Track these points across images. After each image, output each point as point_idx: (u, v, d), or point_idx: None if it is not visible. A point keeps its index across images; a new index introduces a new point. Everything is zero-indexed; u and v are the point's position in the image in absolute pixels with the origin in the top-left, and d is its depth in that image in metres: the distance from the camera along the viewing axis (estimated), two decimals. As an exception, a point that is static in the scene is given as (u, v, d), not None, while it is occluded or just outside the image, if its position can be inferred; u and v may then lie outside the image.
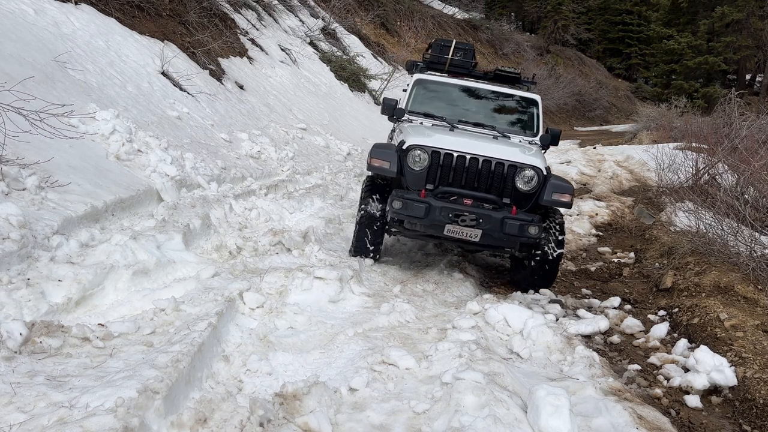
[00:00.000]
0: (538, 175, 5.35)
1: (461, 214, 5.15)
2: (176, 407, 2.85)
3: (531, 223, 5.16)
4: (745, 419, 3.66)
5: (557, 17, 40.21)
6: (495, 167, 5.32)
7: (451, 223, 5.16)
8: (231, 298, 4.16)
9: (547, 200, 5.36)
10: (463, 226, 5.16)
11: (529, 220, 5.17)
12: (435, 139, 5.48)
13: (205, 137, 8.47)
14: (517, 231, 5.14)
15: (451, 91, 6.64)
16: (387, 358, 3.65)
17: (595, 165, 14.22)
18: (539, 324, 4.43)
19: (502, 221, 5.14)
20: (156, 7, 10.63)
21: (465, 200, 5.27)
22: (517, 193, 5.36)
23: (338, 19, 21.74)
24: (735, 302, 5.11)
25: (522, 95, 6.63)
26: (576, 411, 3.21)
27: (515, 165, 5.33)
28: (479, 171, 5.32)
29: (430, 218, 5.18)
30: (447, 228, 5.19)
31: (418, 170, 5.37)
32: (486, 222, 5.15)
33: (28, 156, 4.86)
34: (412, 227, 5.42)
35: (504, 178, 5.33)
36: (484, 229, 5.16)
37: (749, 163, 7.07)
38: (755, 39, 32.27)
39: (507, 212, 5.21)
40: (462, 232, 5.20)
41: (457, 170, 5.34)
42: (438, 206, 5.16)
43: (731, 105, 11.33)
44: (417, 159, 5.36)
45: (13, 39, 6.58)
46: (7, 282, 3.64)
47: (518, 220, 5.15)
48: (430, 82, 6.63)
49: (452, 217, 5.15)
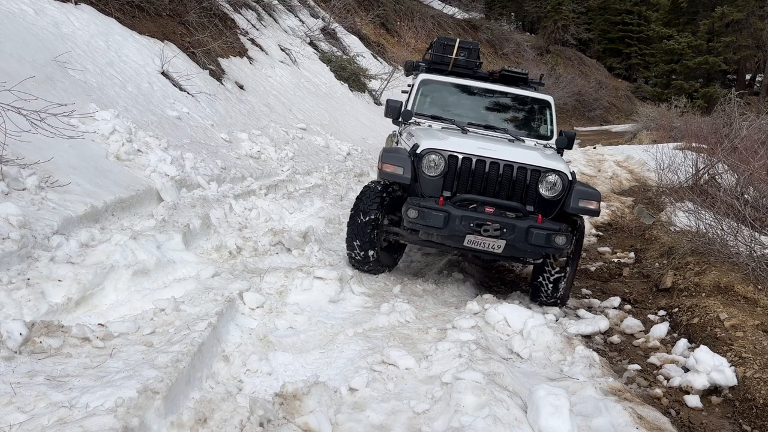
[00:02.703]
0: (562, 180, 4.97)
1: (484, 224, 4.73)
2: (176, 407, 2.85)
3: (558, 233, 4.75)
4: (745, 419, 3.66)
5: (557, 17, 40.19)
6: (517, 172, 4.93)
7: (472, 234, 4.75)
8: (231, 298, 4.16)
9: (573, 207, 4.96)
10: (485, 237, 4.75)
11: (557, 229, 4.77)
12: (451, 143, 5.10)
13: (205, 137, 8.47)
14: (543, 241, 4.73)
15: (458, 92, 6.36)
16: (387, 358, 3.66)
17: (595, 165, 14.22)
18: (539, 324, 4.43)
19: (528, 231, 4.73)
20: (156, 7, 10.63)
21: (486, 208, 4.87)
22: (540, 200, 4.98)
23: (338, 19, 21.74)
24: (735, 302, 5.12)
25: (534, 96, 6.34)
26: (576, 411, 3.21)
27: (538, 170, 4.96)
28: (500, 176, 4.94)
29: (450, 228, 4.76)
30: (468, 239, 4.79)
31: (433, 176, 4.96)
32: (510, 232, 4.73)
33: (28, 156, 4.86)
34: (427, 237, 5.06)
35: (526, 183, 4.94)
36: (508, 240, 4.75)
37: (749, 163, 7.07)
38: (755, 39, 32.27)
39: (532, 221, 4.82)
40: (484, 243, 4.79)
41: (476, 176, 4.95)
42: (458, 215, 4.74)
43: (731, 105, 11.33)
44: (433, 164, 4.97)
45: (13, 39, 6.58)
46: (7, 282, 3.64)
47: (545, 229, 4.75)
48: (436, 83, 6.34)
49: (474, 227, 4.74)
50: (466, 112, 6.22)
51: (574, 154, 16.17)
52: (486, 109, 6.31)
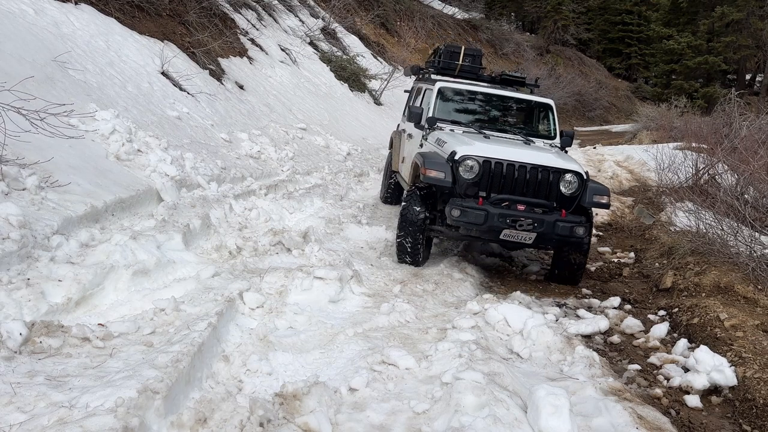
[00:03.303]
0: (578, 179, 5.69)
1: (518, 219, 5.43)
2: (176, 407, 2.85)
3: (579, 224, 5.53)
4: (745, 419, 3.66)
5: (557, 17, 40.16)
6: (541, 174, 5.62)
7: (508, 228, 5.45)
8: (231, 298, 4.16)
9: (588, 202, 5.72)
10: (520, 231, 5.47)
11: (578, 221, 5.54)
12: (481, 148, 5.73)
13: (205, 137, 8.47)
14: (568, 232, 5.50)
15: (472, 97, 7.04)
16: (387, 358, 3.66)
17: (595, 165, 14.21)
18: (539, 324, 4.43)
19: (554, 224, 5.46)
20: (156, 7, 10.63)
21: (518, 206, 5.53)
22: (561, 197, 5.67)
23: (338, 19, 21.74)
24: (735, 302, 5.11)
25: (537, 100, 7.06)
26: (576, 411, 3.21)
27: (559, 171, 5.66)
28: (527, 178, 5.61)
29: (489, 224, 5.43)
30: (504, 233, 5.51)
31: (470, 178, 5.59)
32: (540, 225, 5.45)
33: (28, 156, 4.86)
34: (467, 232, 5.71)
35: (549, 182, 5.64)
36: (539, 232, 5.48)
37: (749, 163, 7.06)
38: (755, 39, 32.24)
39: (558, 215, 5.54)
40: (518, 236, 5.54)
41: (507, 177, 5.60)
42: (496, 213, 5.42)
43: (731, 105, 11.32)
44: (469, 168, 5.58)
45: (13, 39, 6.58)
46: (7, 282, 3.64)
47: (569, 222, 5.51)
48: (452, 89, 6.97)
49: (510, 223, 5.43)
50: (480, 116, 6.98)
51: (574, 154, 16.16)
52: (497, 114, 7.08)
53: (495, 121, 6.98)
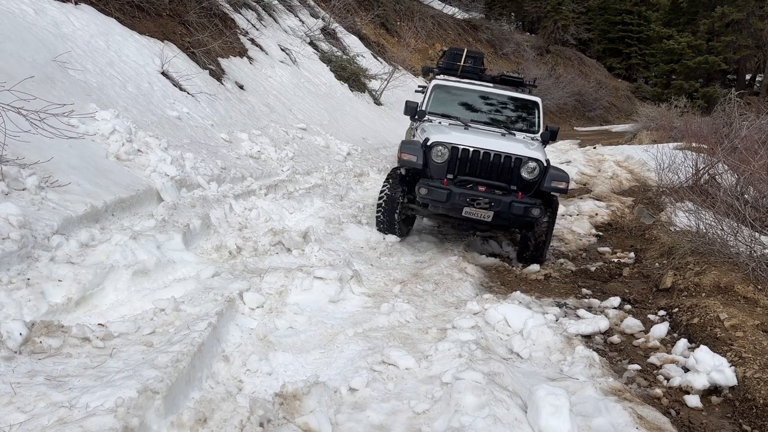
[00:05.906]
0: (539, 166, 6.29)
1: (477, 198, 6.10)
2: (176, 407, 2.85)
3: (534, 206, 6.10)
4: (745, 419, 3.66)
5: (557, 17, 40.17)
6: (504, 160, 6.24)
7: (468, 206, 6.11)
8: (231, 298, 4.16)
9: (546, 187, 6.32)
10: (478, 209, 6.11)
11: (532, 203, 6.12)
12: (453, 137, 6.40)
13: (205, 137, 8.47)
14: (522, 212, 6.09)
15: (464, 94, 7.67)
16: (387, 358, 3.66)
17: (595, 165, 14.22)
18: (539, 324, 4.43)
19: (510, 204, 6.08)
20: (156, 7, 10.62)
21: (479, 187, 6.21)
22: (522, 182, 6.28)
23: (338, 19, 21.74)
24: (735, 302, 5.11)
25: (525, 98, 7.67)
26: (576, 411, 3.21)
27: (520, 158, 6.27)
28: (491, 163, 6.25)
29: (451, 202, 6.11)
30: (465, 210, 6.15)
31: (440, 162, 6.27)
32: (497, 204, 6.09)
33: (28, 156, 4.85)
34: (435, 210, 6.38)
35: (511, 168, 6.26)
36: (496, 211, 6.11)
37: (749, 163, 7.06)
38: (755, 39, 32.26)
39: (514, 197, 6.16)
40: (477, 214, 6.17)
41: (473, 162, 6.26)
42: (458, 192, 6.10)
43: (731, 105, 11.32)
44: (439, 153, 6.27)
45: (13, 39, 6.58)
46: (7, 282, 3.64)
47: (523, 203, 6.10)
48: (446, 87, 7.68)
49: (469, 201, 6.10)
50: (470, 111, 7.58)
51: (574, 154, 16.17)
52: (486, 109, 7.63)
53: (483, 115, 7.55)
